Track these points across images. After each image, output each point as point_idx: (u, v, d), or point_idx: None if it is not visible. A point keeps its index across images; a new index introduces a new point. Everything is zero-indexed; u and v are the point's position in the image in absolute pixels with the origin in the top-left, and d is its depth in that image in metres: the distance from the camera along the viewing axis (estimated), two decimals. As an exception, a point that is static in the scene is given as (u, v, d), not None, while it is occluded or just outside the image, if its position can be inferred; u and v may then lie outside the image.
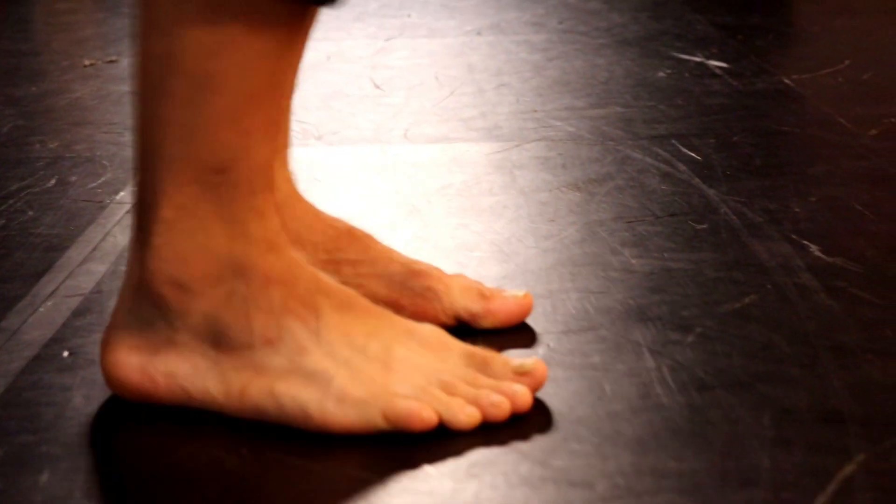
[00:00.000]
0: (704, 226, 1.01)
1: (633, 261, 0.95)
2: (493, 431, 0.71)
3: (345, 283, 0.83)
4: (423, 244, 0.99)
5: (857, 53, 1.60)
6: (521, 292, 0.85)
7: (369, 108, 1.40)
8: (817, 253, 0.95)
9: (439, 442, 0.70)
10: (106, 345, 0.75)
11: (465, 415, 0.71)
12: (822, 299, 0.87)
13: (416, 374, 0.73)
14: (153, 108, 0.71)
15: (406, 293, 0.84)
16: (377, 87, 1.50)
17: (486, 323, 0.84)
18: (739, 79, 1.49)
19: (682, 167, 1.16)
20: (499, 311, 0.84)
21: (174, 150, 0.71)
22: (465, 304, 0.84)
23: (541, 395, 0.75)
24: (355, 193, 1.12)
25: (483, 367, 0.75)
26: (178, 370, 0.73)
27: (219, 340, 0.73)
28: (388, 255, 0.86)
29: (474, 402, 0.72)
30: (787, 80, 1.47)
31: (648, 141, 1.24)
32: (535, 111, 1.37)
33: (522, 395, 0.73)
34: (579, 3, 2.02)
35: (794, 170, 1.15)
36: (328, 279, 0.75)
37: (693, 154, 1.20)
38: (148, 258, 0.73)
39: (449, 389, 0.73)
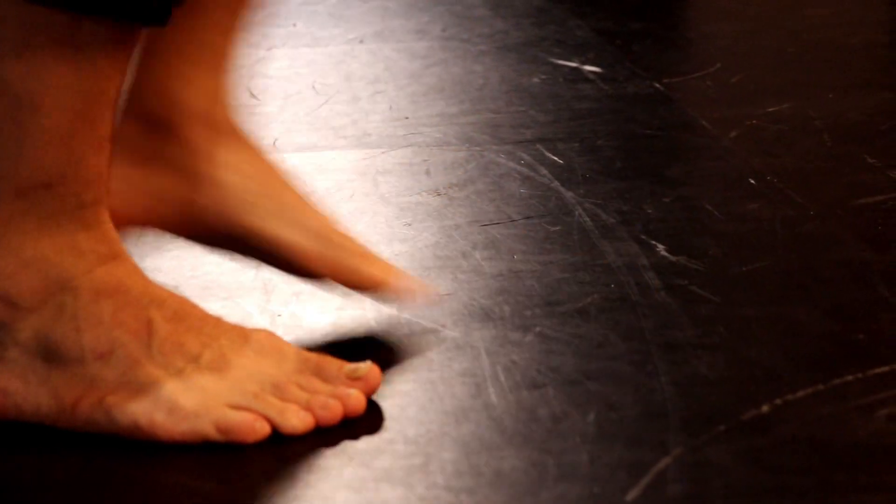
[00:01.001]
0: (557, 228, 1.03)
1: (483, 263, 0.96)
2: (323, 434, 0.72)
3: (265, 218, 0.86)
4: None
5: (729, 57, 1.62)
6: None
7: (242, 117, 1.41)
8: (663, 252, 0.97)
9: (269, 445, 0.71)
10: None
11: (298, 419, 0.72)
12: (661, 297, 0.89)
13: (250, 382, 0.73)
14: None
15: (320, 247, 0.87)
16: (253, 96, 1.50)
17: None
18: (611, 83, 1.51)
19: (544, 171, 1.18)
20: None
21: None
22: None
23: (376, 396, 0.76)
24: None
25: (318, 372, 0.75)
26: (9, 386, 0.73)
27: (50, 356, 0.73)
28: (312, 210, 0.90)
29: (307, 406, 0.73)
30: (657, 84, 1.49)
31: (513, 146, 1.26)
32: (407, 118, 1.38)
33: (355, 399, 0.74)
34: (465, 10, 2.03)
35: (652, 172, 1.17)
36: (161, 289, 0.76)
37: (556, 158, 1.21)
38: None
39: (282, 394, 0.73)
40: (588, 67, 1.59)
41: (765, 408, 0.73)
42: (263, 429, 0.71)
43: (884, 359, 0.78)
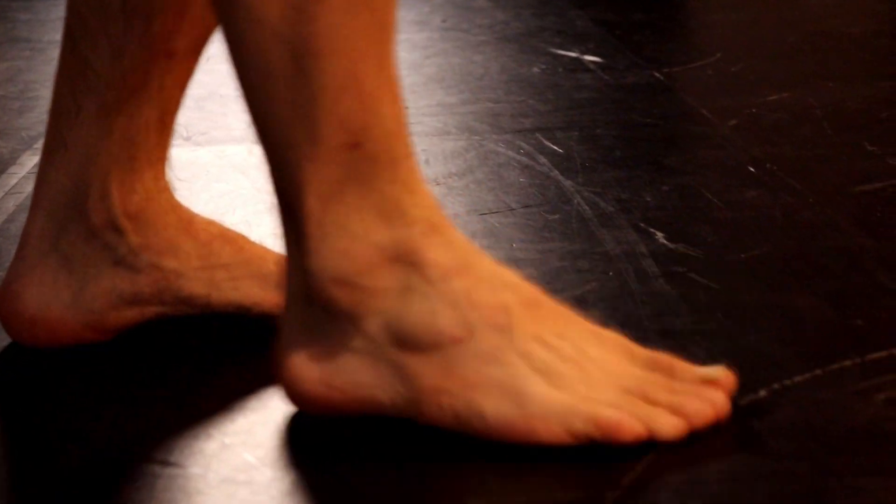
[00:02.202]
0: (556, 216, 1.03)
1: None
2: (316, 420, 0.72)
3: (220, 287, 0.83)
4: (278, 241, 1.00)
5: (729, 47, 1.62)
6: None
7: (241, 108, 1.41)
8: (662, 240, 0.97)
9: (263, 434, 0.71)
10: (283, 361, 0.71)
11: (671, 425, 0.67)
12: (659, 284, 0.89)
13: (613, 379, 0.69)
14: (261, 98, 0.68)
15: (282, 293, 0.85)
16: (253, 87, 1.50)
17: None
18: (611, 73, 1.51)
19: (543, 160, 1.18)
20: None
21: (299, 136, 0.67)
22: None
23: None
24: (215, 192, 1.12)
25: (670, 373, 0.71)
26: (363, 379, 0.69)
27: (403, 342, 0.68)
28: (261, 254, 0.86)
29: (678, 410, 0.68)
30: (657, 74, 1.49)
31: (513, 135, 1.26)
32: (407, 108, 1.38)
33: (721, 403, 0.69)
34: (465, 1, 2.03)
35: (651, 160, 1.17)
36: (507, 271, 0.71)
37: (555, 147, 1.21)
38: (307, 261, 0.70)
39: (648, 397, 0.69)
40: (588, 57, 1.59)
41: (763, 393, 0.73)
42: (639, 430, 0.66)
43: (882, 344, 0.78)
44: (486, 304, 0.68)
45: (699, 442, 0.68)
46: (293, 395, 0.71)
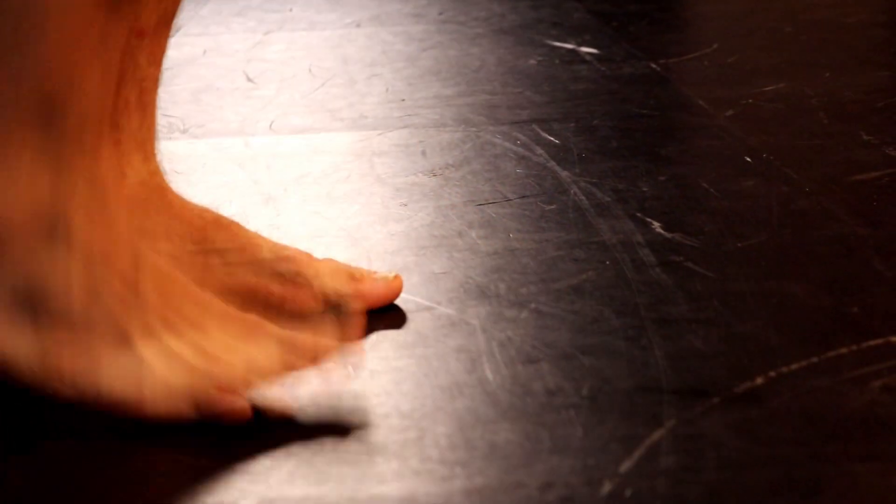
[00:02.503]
0: (553, 206, 1.03)
1: (479, 241, 0.96)
2: (315, 408, 0.72)
3: (214, 272, 0.84)
4: (275, 232, 1.00)
5: (726, 38, 1.62)
6: (391, 274, 0.85)
7: (239, 101, 1.41)
8: (658, 230, 0.97)
9: (262, 421, 0.71)
10: None
11: (280, 404, 0.71)
12: (656, 273, 0.89)
13: (234, 361, 0.72)
14: None
15: (276, 279, 0.85)
16: (250, 80, 1.50)
17: (357, 305, 0.84)
18: (608, 64, 1.51)
19: (540, 151, 1.18)
20: (368, 294, 0.84)
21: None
22: (334, 287, 0.84)
23: (370, 371, 0.76)
24: (213, 184, 1.12)
25: (304, 353, 0.74)
26: None
27: (35, 305, 0.70)
28: (256, 241, 0.86)
29: (281, 377, 0.72)
30: (653, 65, 1.49)
31: (509, 126, 1.26)
32: (403, 100, 1.38)
33: (325, 346, 0.73)
34: (462, -6, 2.03)
35: (648, 151, 1.17)
36: (151, 256, 0.74)
37: (552, 138, 1.22)
38: None
39: (265, 375, 0.72)
40: (585, 49, 1.59)
41: (759, 380, 0.73)
42: (245, 409, 0.70)
43: (877, 331, 0.78)
44: (117, 284, 0.70)
45: (696, 430, 0.68)
46: None
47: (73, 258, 0.70)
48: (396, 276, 0.85)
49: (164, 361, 0.71)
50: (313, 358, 0.73)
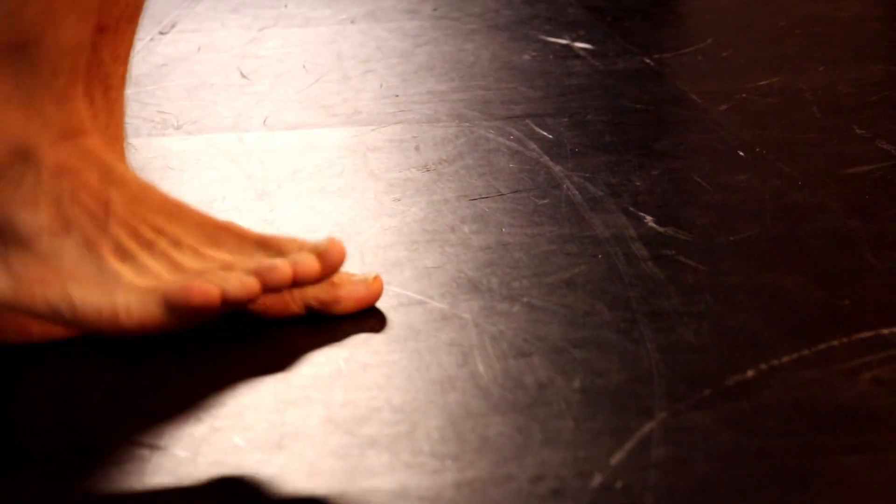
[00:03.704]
0: (546, 201, 1.03)
1: (472, 236, 0.96)
2: (309, 401, 0.72)
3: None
4: (268, 227, 1.00)
5: (720, 32, 1.63)
6: (370, 276, 0.85)
7: (233, 97, 1.41)
8: (651, 224, 0.97)
9: (251, 414, 0.71)
10: None
11: (242, 284, 0.71)
12: (648, 267, 0.89)
13: (201, 263, 0.72)
14: None
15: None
16: (244, 76, 1.50)
17: (337, 310, 0.83)
18: (602, 59, 1.51)
19: (533, 146, 1.18)
20: (348, 298, 0.83)
21: None
22: (314, 293, 0.83)
23: (361, 365, 0.76)
24: (206, 179, 1.12)
25: (278, 252, 0.74)
26: None
27: (3, 230, 0.70)
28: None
29: (254, 272, 0.71)
30: (647, 60, 1.49)
31: (503, 121, 1.26)
32: (397, 96, 1.38)
33: (305, 262, 0.72)
34: (457, -10, 2.03)
35: (641, 145, 1.17)
36: (125, 169, 0.74)
37: (545, 133, 1.22)
38: None
39: (230, 268, 0.72)
40: (579, 44, 1.59)
41: (749, 373, 0.73)
42: (209, 289, 0.69)
43: (869, 324, 0.78)
44: (87, 200, 0.70)
45: (687, 422, 0.68)
46: None
47: (41, 179, 0.70)
48: (376, 278, 0.84)
49: (136, 273, 0.70)
50: (288, 275, 0.72)
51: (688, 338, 0.78)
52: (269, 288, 0.71)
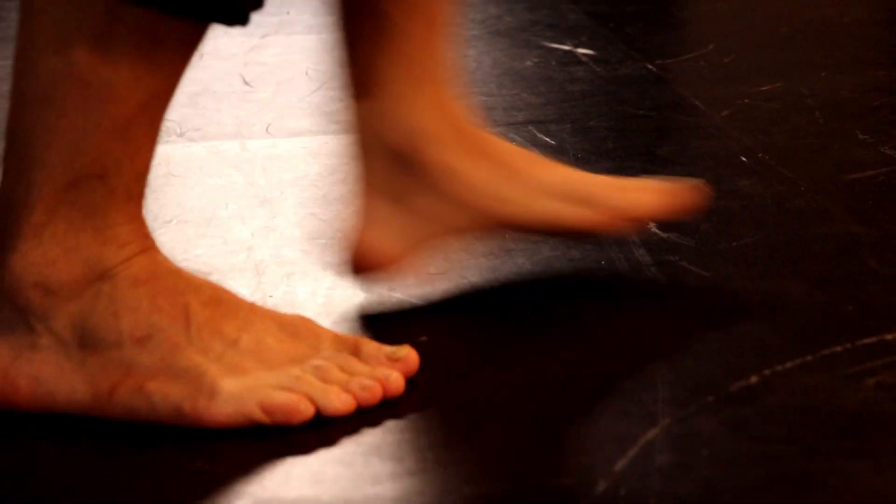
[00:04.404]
0: (549, 207, 1.03)
1: (475, 242, 0.96)
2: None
3: None
4: (270, 234, 1.00)
5: (722, 38, 1.63)
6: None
7: (235, 104, 1.41)
8: (654, 229, 0.97)
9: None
10: None
11: (340, 401, 0.71)
12: (651, 273, 0.89)
13: (291, 364, 0.73)
14: (36, 115, 0.71)
15: None
16: (246, 83, 1.51)
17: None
18: (604, 65, 1.51)
19: (536, 152, 1.18)
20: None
21: (55, 157, 0.71)
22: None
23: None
24: (209, 186, 1.13)
25: (356, 353, 0.75)
26: (42, 373, 0.72)
27: (86, 342, 0.72)
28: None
29: (347, 388, 0.72)
30: (650, 66, 1.49)
31: (506, 127, 1.26)
32: (400, 102, 1.38)
33: (395, 380, 0.73)
34: (459, -4, 2.03)
35: (644, 151, 1.17)
36: (195, 276, 0.75)
37: (548, 139, 1.22)
38: (13, 262, 0.72)
39: (323, 376, 0.72)
40: (581, 50, 1.59)
41: (753, 379, 0.73)
42: (308, 410, 0.71)
43: (872, 329, 0.78)
44: (167, 306, 0.72)
45: (691, 428, 0.68)
46: None
47: (119, 290, 0.72)
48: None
49: (221, 368, 0.71)
50: (372, 361, 0.74)
51: (691, 344, 0.78)
52: (359, 406, 0.72)
